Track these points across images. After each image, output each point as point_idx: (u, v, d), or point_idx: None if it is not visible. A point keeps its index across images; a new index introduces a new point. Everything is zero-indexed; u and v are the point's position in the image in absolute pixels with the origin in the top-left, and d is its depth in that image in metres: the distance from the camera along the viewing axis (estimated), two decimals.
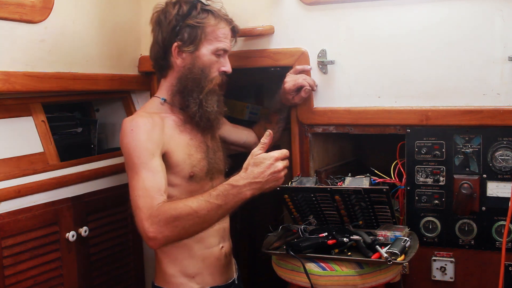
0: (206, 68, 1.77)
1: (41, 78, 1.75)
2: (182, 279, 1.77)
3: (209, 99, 1.77)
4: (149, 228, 1.52)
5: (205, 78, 1.77)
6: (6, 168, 1.66)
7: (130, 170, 1.63)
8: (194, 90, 1.76)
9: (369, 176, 1.79)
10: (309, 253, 1.61)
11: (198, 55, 1.77)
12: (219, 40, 1.78)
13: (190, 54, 1.76)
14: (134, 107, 2.30)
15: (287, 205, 1.81)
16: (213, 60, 1.78)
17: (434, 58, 1.80)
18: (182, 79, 1.78)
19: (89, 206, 1.91)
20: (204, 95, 1.76)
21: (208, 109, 1.77)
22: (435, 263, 1.84)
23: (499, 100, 1.73)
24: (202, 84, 1.76)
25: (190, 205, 1.53)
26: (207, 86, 1.77)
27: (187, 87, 1.77)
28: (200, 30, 1.75)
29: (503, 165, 1.73)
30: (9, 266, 1.62)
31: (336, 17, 1.91)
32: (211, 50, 1.77)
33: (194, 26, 1.75)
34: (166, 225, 1.52)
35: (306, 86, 1.90)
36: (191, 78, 1.76)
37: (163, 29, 1.78)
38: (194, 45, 1.76)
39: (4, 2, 1.60)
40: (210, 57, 1.78)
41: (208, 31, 1.76)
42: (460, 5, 1.75)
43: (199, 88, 1.76)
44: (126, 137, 1.66)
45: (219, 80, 1.80)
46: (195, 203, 1.54)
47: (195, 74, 1.76)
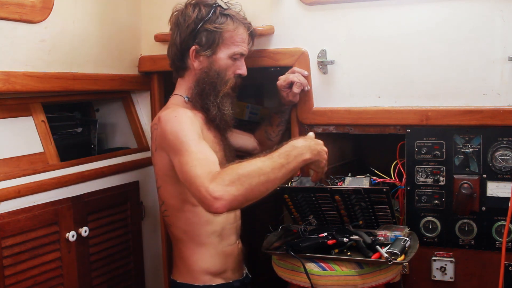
0: (222, 71, 1.81)
1: (41, 78, 1.75)
2: (208, 276, 1.81)
3: (224, 101, 1.81)
4: (214, 188, 1.44)
5: (221, 81, 1.80)
6: (6, 168, 1.66)
7: (178, 152, 1.61)
8: (211, 94, 1.80)
9: (369, 176, 1.79)
10: (309, 253, 1.61)
11: (215, 58, 1.80)
12: (237, 44, 1.81)
13: (207, 57, 1.80)
14: (134, 107, 2.30)
15: (287, 205, 1.81)
16: (230, 64, 1.82)
17: (434, 58, 1.80)
18: (200, 82, 1.81)
19: (89, 206, 1.91)
20: (220, 98, 1.80)
21: (225, 111, 1.81)
22: (435, 263, 1.84)
23: (499, 100, 1.73)
24: (218, 87, 1.80)
25: (254, 163, 1.51)
26: (223, 89, 1.81)
27: (205, 90, 1.80)
28: (218, 35, 1.78)
29: (503, 165, 1.73)
30: (9, 266, 1.61)
31: (336, 17, 1.91)
32: (228, 55, 1.80)
33: (213, 31, 1.77)
34: (232, 183, 1.45)
35: (297, 81, 1.91)
36: (208, 82, 1.80)
37: (181, 31, 1.80)
38: (211, 50, 1.79)
39: (4, 2, 1.60)
40: (227, 61, 1.81)
41: (226, 36, 1.79)
42: (460, 5, 1.75)
43: (216, 91, 1.80)
44: (170, 123, 1.67)
45: (233, 82, 1.84)
46: (259, 162, 1.52)
47: (212, 78, 1.80)
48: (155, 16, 2.17)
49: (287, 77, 1.93)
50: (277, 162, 1.54)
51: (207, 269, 1.81)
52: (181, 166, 1.58)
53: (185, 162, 1.57)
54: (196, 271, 1.81)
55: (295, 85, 1.92)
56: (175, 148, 1.63)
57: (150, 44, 2.18)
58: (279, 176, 1.54)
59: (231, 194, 1.44)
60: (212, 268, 1.82)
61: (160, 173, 1.80)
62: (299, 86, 1.92)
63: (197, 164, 1.53)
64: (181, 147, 1.61)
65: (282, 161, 1.55)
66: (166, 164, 1.74)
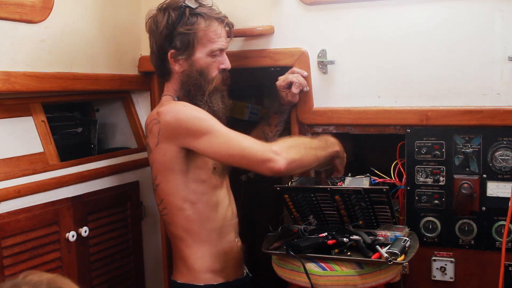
0: (204, 70, 1.80)
1: (41, 78, 1.75)
2: (209, 275, 1.81)
3: (213, 98, 1.81)
4: (277, 149, 1.62)
5: (205, 80, 1.80)
6: (6, 168, 1.66)
7: (206, 135, 1.66)
8: (197, 94, 1.80)
9: (369, 176, 1.79)
10: (309, 253, 1.61)
11: (194, 60, 1.79)
12: (213, 41, 1.79)
13: (185, 60, 1.79)
14: (134, 107, 2.30)
15: (287, 205, 1.81)
16: (210, 61, 1.80)
17: (434, 58, 1.80)
18: (184, 84, 1.82)
19: (89, 206, 1.91)
20: (208, 96, 1.80)
21: (215, 108, 1.81)
22: (435, 263, 1.84)
23: (499, 100, 1.73)
24: (204, 87, 1.80)
25: (302, 138, 1.80)
26: (209, 88, 1.80)
27: (191, 92, 1.80)
28: (192, 36, 1.77)
29: (503, 165, 1.73)
30: (9, 266, 1.61)
31: (336, 17, 1.91)
32: (206, 53, 1.79)
33: (186, 33, 1.76)
34: (290, 148, 1.66)
35: (296, 82, 1.91)
36: (192, 83, 1.80)
37: (156, 38, 1.81)
38: (188, 52, 1.78)
39: (4, 2, 1.60)
40: (206, 59, 1.80)
41: (200, 36, 1.78)
42: (460, 5, 1.75)
43: (202, 91, 1.80)
44: (183, 112, 1.71)
45: (219, 79, 1.83)
46: (305, 139, 1.79)
47: (195, 79, 1.79)
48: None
49: (286, 77, 1.94)
50: (319, 144, 1.76)
51: (208, 268, 1.81)
52: (219, 146, 1.66)
53: (224, 141, 1.66)
54: (197, 270, 1.81)
55: (294, 85, 1.92)
56: (199, 132, 1.67)
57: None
58: (320, 155, 1.74)
59: (291, 155, 1.63)
60: (213, 266, 1.82)
61: (160, 168, 1.77)
62: (298, 86, 1.92)
63: (243, 139, 1.66)
64: (208, 129, 1.67)
65: (323, 144, 1.77)
66: (170, 157, 1.73)
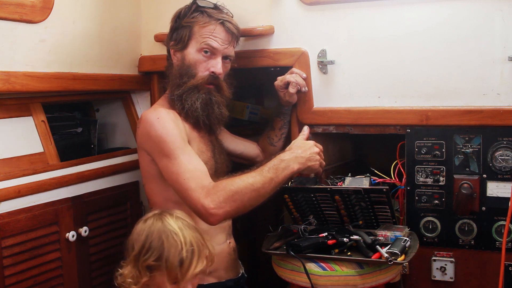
0: (192, 66, 1.80)
1: (41, 78, 1.75)
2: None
3: (191, 95, 1.78)
4: (209, 204, 1.56)
5: (187, 75, 1.79)
6: (6, 168, 1.66)
7: (165, 157, 1.66)
8: (175, 87, 1.80)
9: (369, 176, 1.79)
10: (309, 253, 1.62)
11: (186, 53, 1.81)
12: (205, 37, 1.79)
13: (180, 52, 1.82)
14: (134, 107, 2.30)
15: (287, 205, 1.81)
16: (199, 59, 1.80)
17: (434, 58, 1.80)
18: (173, 76, 1.83)
19: (89, 206, 1.91)
20: (186, 91, 1.78)
21: (186, 106, 1.77)
22: (435, 263, 1.84)
23: (499, 100, 1.73)
24: (183, 80, 1.79)
25: (245, 179, 1.62)
26: (188, 83, 1.78)
27: (175, 83, 1.81)
28: (187, 30, 1.80)
29: (503, 165, 1.73)
30: (9, 266, 1.61)
31: (336, 17, 1.91)
32: (196, 48, 1.80)
33: (183, 26, 1.80)
34: (226, 200, 1.57)
35: (293, 81, 1.91)
36: (178, 75, 1.81)
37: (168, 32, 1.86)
38: (181, 44, 1.81)
39: (4, 2, 1.60)
40: (195, 55, 1.80)
41: (195, 30, 1.80)
42: (460, 6, 1.75)
43: (180, 84, 1.79)
44: (153, 126, 1.69)
45: (204, 79, 1.79)
46: (250, 178, 1.62)
47: (182, 72, 1.80)
48: (155, 16, 2.17)
49: (284, 77, 1.94)
50: (267, 176, 1.64)
51: None
52: (171, 175, 1.65)
53: (176, 172, 1.64)
54: None
55: (291, 85, 1.91)
56: (161, 153, 1.67)
57: (150, 44, 2.18)
58: (268, 190, 1.64)
59: (225, 210, 1.58)
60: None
61: (143, 171, 1.83)
62: (295, 86, 1.92)
63: (190, 177, 1.61)
64: (168, 153, 1.66)
65: (271, 175, 1.65)
66: (147, 163, 1.77)
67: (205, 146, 1.83)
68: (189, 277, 1.39)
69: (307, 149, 1.74)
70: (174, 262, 1.37)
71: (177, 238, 1.40)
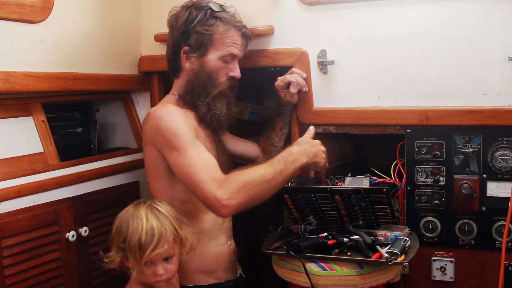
0: (213, 74, 1.82)
1: (41, 78, 1.75)
2: (200, 275, 1.82)
3: (217, 102, 1.82)
4: (222, 196, 1.56)
5: (212, 83, 1.82)
6: (6, 168, 1.66)
7: (175, 151, 1.66)
8: (200, 94, 1.81)
9: (369, 176, 1.79)
10: (309, 253, 1.62)
11: (205, 60, 1.81)
12: (227, 46, 1.81)
13: (197, 59, 1.82)
14: (134, 107, 2.30)
15: (287, 205, 1.81)
16: (220, 66, 1.83)
17: (434, 58, 1.80)
18: (190, 82, 1.84)
19: (89, 206, 1.91)
20: (211, 99, 1.81)
21: (217, 111, 1.82)
22: (435, 263, 1.84)
23: (499, 100, 1.74)
24: (208, 89, 1.81)
25: (257, 170, 1.63)
26: (213, 91, 1.82)
27: (194, 90, 1.82)
28: (207, 37, 1.80)
29: (503, 165, 1.73)
30: (9, 266, 1.61)
31: (336, 17, 1.91)
32: (218, 56, 1.81)
33: (202, 33, 1.79)
34: (238, 191, 1.58)
35: (294, 81, 1.92)
36: (197, 83, 1.82)
37: (174, 33, 1.84)
38: (200, 51, 1.81)
39: (4, 2, 1.60)
40: (217, 63, 1.82)
41: (215, 38, 1.80)
42: (460, 5, 1.75)
43: (205, 92, 1.82)
44: (163, 121, 1.70)
45: (226, 85, 1.84)
46: (261, 169, 1.64)
47: (201, 79, 1.81)
48: (155, 16, 2.17)
49: (285, 77, 1.94)
50: (277, 168, 1.65)
51: (198, 268, 1.81)
52: (182, 169, 1.65)
53: (186, 165, 1.63)
54: (187, 270, 1.80)
55: (292, 85, 1.92)
56: (171, 146, 1.67)
57: (150, 44, 2.18)
58: (279, 181, 1.65)
59: (237, 201, 1.58)
60: (203, 267, 1.82)
61: (149, 167, 1.82)
62: (296, 86, 1.92)
63: (201, 170, 1.61)
64: (179, 147, 1.66)
65: (282, 167, 1.66)
66: (155, 159, 1.77)
67: (211, 145, 1.84)
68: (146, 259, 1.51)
69: (314, 146, 1.76)
70: (135, 244, 1.51)
71: (139, 223, 1.53)
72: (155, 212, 1.57)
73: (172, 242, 1.56)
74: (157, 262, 1.55)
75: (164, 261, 1.56)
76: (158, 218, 1.56)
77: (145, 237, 1.51)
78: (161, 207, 1.61)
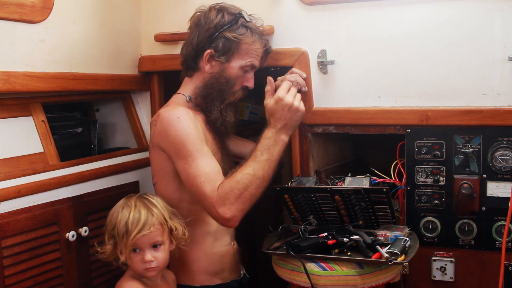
0: (232, 80, 1.83)
1: (41, 78, 1.75)
2: (206, 276, 1.83)
3: (228, 109, 1.84)
4: (225, 211, 1.61)
5: (229, 90, 1.83)
6: (6, 168, 1.66)
7: (183, 159, 1.68)
8: (217, 99, 1.83)
9: (369, 176, 1.79)
10: (309, 253, 1.62)
11: (228, 66, 1.82)
12: (251, 57, 1.84)
13: (220, 63, 1.82)
14: (134, 107, 2.30)
15: (287, 205, 1.81)
16: (240, 75, 1.84)
17: (434, 58, 1.80)
18: (208, 85, 1.83)
19: (89, 206, 1.91)
20: (225, 105, 1.83)
21: (228, 118, 1.84)
22: (435, 263, 1.84)
23: (499, 100, 1.73)
24: (225, 95, 1.83)
25: (247, 172, 1.65)
26: (229, 98, 1.84)
27: (212, 94, 1.83)
28: (235, 44, 1.81)
29: (503, 165, 1.73)
30: (9, 266, 1.61)
31: (336, 17, 1.91)
32: (241, 65, 1.83)
33: (231, 40, 1.80)
34: (237, 201, 1.61)
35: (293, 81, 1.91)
36: (217, 88, 1.82)
37: (200, 33, 1.83)
38: (226, 57, 1.81)
39: (4, 2, 1.60)
40: (238, 71, 1.84)
41: (243, 48, 1.82)
42: (460, 6, 1.75)
43: (222, 98, 1.83)
44: (174, 126, 1.70)
45: (240, 95, 1.87)
46: (250, 169, 1.65)
47: (221, 84, 1.82)
48: (155, 16, 2.18)
49: (284, 77, 1.94)
50: (263, 160, 1.67)
51: (203, 269, 1.82)
52: (188, 177, 1.67)
53: (192, 174, 1.66)
54: (193, 271, 1.82)
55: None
56: (179, 153, 1.69)
57: (150, 44, 2.18)
58: (270, 172, 1.68)
59: (239, 210, 1.62)
60: (209, 268, 1.83)
61: (157, 169, 1.82)
62: (295, 86, 1.92)
63: (205, 181, 1.64)
64: (186, 154, 1.67)
65: (266, 156, 1.68)
66: (163, 161, 1.77)
67: (217, 148, 1.85)
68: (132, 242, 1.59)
69: (281, 111, 1.73)
70: (122, 228, 1.60)
71: (128, 210, 1.62)
72: (144, 201, 1.65)
73: (160, 229, 1.62)
74: (145, 248, 1.61)
75: (152, 249, 1.62)
76: (147, 206, 1.64)
77: (131, 221, 1.60)
78: (152, 198, 1.68)
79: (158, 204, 1.66)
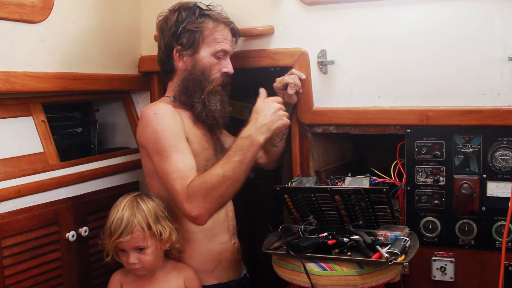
0: (206, 70, 1.84)
1: (41, 78, 1.75)
2: (200, 275, 1.82)
3: (211, 98, 1.84)
4: (192, 209, 1.62)
5: (206, 79, 1.84)
6: (6, 168, 1.66)
7: (158, 155, 1.70)
8: (195, 91, 1.84)
9: (369, 176, 1.79)
10: (309, 253, 1.61)
11: (198, 57, 1.84)
12: (218, 42, 1.84)
13: (190, 57, 1.84)
14: (134, 107, 2.30)
15: (287, 205, 1.81)
16: (213, 62, 1.85)
17: (434, 58, 1.80)
18: (184, 80, 1.86)
19: (89, 206, 1.91)
20: (206, 95, 1.83)
21: (212, 107, 1.84)
22: (435, 263, 1.84)
23: (499, 100, 1.73)
24: (203, 85, 1.84)
25: (216, 172, 1.64)
26: (208, 87, 1.84)
27: (189, 88, 1.84)
28: (198, 34, 1.82)
29: (503, 165, 1.73)
30: (9, 266, 1.61)
31: (336, 17, 1.91)
32: (210, 52, 1.84)
33: (193, 31, 1.82)
34: (204, 200, 1.62)
35: (291, 83, 1.92)
36: (192, 80, 1.84)
37: (164, 35, 1.87)
38: (193, 49, 1.83)
39: (4, 2, 1.60)
40: (210, 59, 1.84)
41: (206, 34, 1.83)
42: (460, 5, 1.75)
43: (200, 88, 1.84)
44: (150, 122, 1.72)
45: (220, 81, 1.86)
46: (219, 169, 1.64)
47: (196, 76, 1.84)
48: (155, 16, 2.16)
49: (282, 79, 1.94)
50: (234, 161, 1.65)
51: (198, 268, 1.82)
52: (162, 174, 1.70)
53: (165, 171, 1.68)
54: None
55: (289, 86, 1.92)
56: (155, 149, 1.71)
57: (150, 44, 2.18)
58: (241, 173, 1.66)
59: (206, 209, 1.63)
60: (203, 266, 1.83)
61: (145, 169, 1.86)
62: (293, 87, 1.92)
63: (177, 178, 1.65)
64: (162, 150, 1.69)
65: (239, 157, 1.66)
66: (147, 160, 1.80)
67: (207, 143, 1.86)
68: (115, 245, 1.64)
69: (267, 113, 1.72)
70: (107, 229, 1.66)
71: (115, 211, 1.67)
72: (133, 204, 1.68)
73: (141, 234, 1.64)
74: (129, 250, 1.66)
75: (137, 251, 1.66)
76: (133, 209, 1.66)
77: (114, 224, 1.64)
78: (145, 199, 1.70)
79: (146, 208, 1.67)
